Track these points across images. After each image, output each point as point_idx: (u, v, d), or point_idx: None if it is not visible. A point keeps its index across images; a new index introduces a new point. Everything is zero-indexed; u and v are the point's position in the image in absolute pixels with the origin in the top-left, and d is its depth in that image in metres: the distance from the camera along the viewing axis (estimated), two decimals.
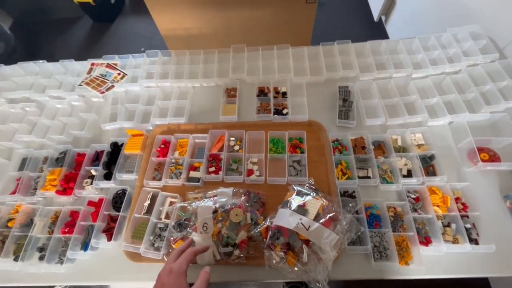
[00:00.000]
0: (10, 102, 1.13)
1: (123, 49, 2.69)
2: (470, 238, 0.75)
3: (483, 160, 0.82)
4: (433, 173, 0.85)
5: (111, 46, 2.71)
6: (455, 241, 0.75)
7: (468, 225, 0.76)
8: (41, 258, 0.82)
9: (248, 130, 0.95)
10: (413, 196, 0.82)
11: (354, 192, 0.85)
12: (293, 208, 0.74)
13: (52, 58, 1.18)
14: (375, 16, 2.40)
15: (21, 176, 0.93)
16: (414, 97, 0.96)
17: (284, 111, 1.01)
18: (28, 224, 0.87)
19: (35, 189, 0.93)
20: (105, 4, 2.70)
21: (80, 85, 1.10)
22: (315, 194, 0.77)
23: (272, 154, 0.92)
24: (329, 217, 0.72)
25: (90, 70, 1.15)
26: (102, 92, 1.08)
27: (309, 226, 0.68)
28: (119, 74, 1.13)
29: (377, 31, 2.39)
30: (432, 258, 0.73)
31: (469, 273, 0.71)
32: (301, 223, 0.69)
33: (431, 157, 0.86)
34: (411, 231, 0.75)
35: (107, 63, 1.16)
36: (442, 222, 0.77)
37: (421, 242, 0.75)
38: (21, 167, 0.98)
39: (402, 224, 0.79)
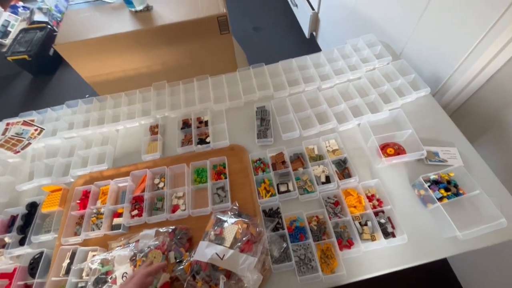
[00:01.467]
0: None
1: (68, 99, 2.63)
2: (386, 232, 0.78)
3: (389, 155, 0.88)
4: (349, 175, 0.89)
5: (54, 98, 2.63)
6: (373, 238, 0.77)
7: (383, 220, 0.79)
8: None
9: (170, 165, 0.95)
10: (332, 201, 0.85)
11: (278, 208, 0.86)
12: (211, 239, 0.73)
13: None
14: (306, 33, 2.60)
15: None
16: (324, 107, 1.03)
17: (207, 140, 1.02)
18: None
19: None
20: (42, 57, 2.65)
21: None
22: (234, 219, 0.77)
23: (196, 184, 0.91)
24: (247, 240, 0.71)
25: (5, 130, 1.10)
26: (17, 152, 1.03)
27: (224, 255, 0.68)
28: (36, 130, 1.09)
29: (311, 46, 2.58)
30: (355, 260, 0.75)
31: (389, 268, 0.73)
32: (216, 253, 0.68)
33: (345, 160, 0.91)
34: (332, 237, 0.77)
35: (24, 121, 1.12)
36: (359, 222, 0.80)
37: (345, 246, 0.77)
38: None
39: (325, 231, 0.80)
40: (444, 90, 1.09)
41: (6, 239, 0.87)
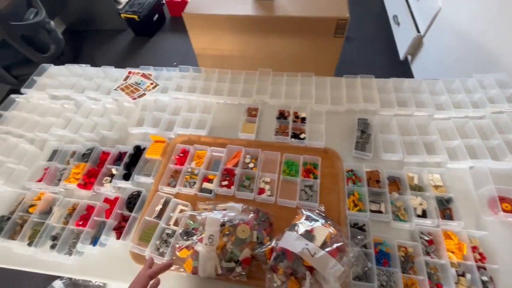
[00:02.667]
0: (52, 98, 1.24)
1: (158, 62, 2.89)
2: None
3: (504, 211, 0.79)
4: (450, 217, 0.82)
5: (147, 58, 2.92)
6: None
7: (485, 278, 0.71)
8: (52, 246, 0.86)
9: (264, 150, 0.97)
10: (426, 238, 0.79)
11: (364, 225, 0.83)
12: (300, 233, 0.73)
13: (93, 63, 1.31)
14: (401, 55, 2.45)
15: (49, 166, 1.00)
16: (434, 137, 0.96)
17: (302, 136, 1.03)
18: (47, 212, 0.92)
19: (59, 180, 0.98)
20: (147, 21, 2.95)
21: (116, 89, 1.19)
22: (323, 221, 0.77)
23: (285, 176, 0.93)
24: (336, 247, 0.70)
25: (127, 77, 1.25)
26: (134, 98, 1.16)
27: (315, 253, 0.68)
28: (151, 84, 1.21)
29: (401, 70, 2.42)
30: None
31: None
32: (307, 248, 0.68)
33: (448, 200, 0.84)
34: (422, 274, 0.72)
35: (143, 73, 1.25)
36: (456, 271, 0.73)
37: None
38: (51, 158, 1.05)
39: (412, 266, 0.75)
40: None
41: (113, 170, 0.98)
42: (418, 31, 2.17)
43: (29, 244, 0.86)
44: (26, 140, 1.09)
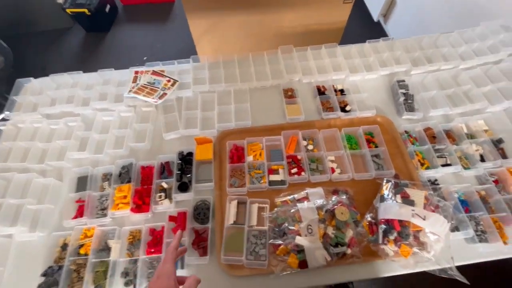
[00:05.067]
0: (47, 117, 1.03)
1: (123, 59, 2.57)
2: None
3: None
4: (504, 156, 0.90)
5: (109, 57, 2.57)
6: None
7: None
8: (126, 284, 0.74)
9: (321, 129, 0.94)
10: (492, 179, 0.86)
11: (436, 180, 0.87)
12: (397, 201, 0.74)
13: (45, 70, 1.11)
14: (375, 17, 2.52)
15: (83, 197, 0.85)
16: (469, 86, 1.02)
17: (347, 108, 1.02)
18: (103, 248, 0.79)
19: (102, 209, 0.84)
20: (100, 13, 2.56)
21: (128, 94, 1.03)
22: (409, 184, 0.78)
23: (350, 150, 0.92)
24: (436, 205, 0.73)
25: (135, 78, 1.08)
26: (159, 98, 1.02)
27: (425, 216, 0.69)
28: (168, 81, 1.07)
29: (377, 31, 2.51)
30: None
31: None
32: (416, 213, 0.69)
33: (499, 141, 0.91)
34: (502, 211, 0.78)
35: (153, 70, 1.10)
36: None
37: None
38: (80, 188, 0.88)
39: (490, 206, 0.82)
40: None
41: (164, 185, 0.87)
42: None
43: None
44: (37, 173, 0.90)
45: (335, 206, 0.76)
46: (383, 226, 0.72)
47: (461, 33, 1.17)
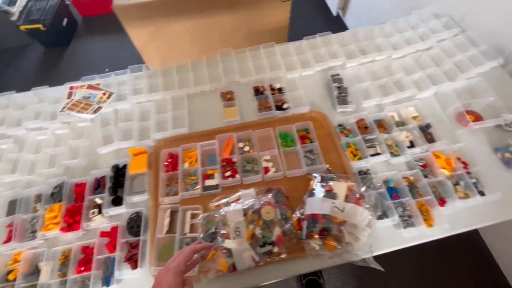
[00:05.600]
0: None
1: (85, 73, 2.49)
2: (477, 191, 0.82)
3: (472, 121, 0.92)
4: (432, 140, 0.92)
5: (71, 71, 2.52)
6: (466, 196, 0.82)
7: (474, 180, 0.84)
8: None
9: (256, 129, 0.95)
10: (420, 163, 0.89)
11: (368, 170, 0.89)
12: (322, 195, 0.75)
13: (4, 90, 1.08)
14: (333, 11, 2.56)
15: (13, 221, 0.83)
16: (400, 75, 1.04)
17: (284, 106, 1.02)
18: (34, 272, 0.77)
19: (33, 231, 0.82)
20: (56, 28, 2.51)
21: (62, 111, 1.01)
22: (336, 178, 0.79)
23: (284, 148, 0.92)
24: (359, 195, 0.74)
25: (70, 94, 1.06)
26: (91, 115, 1.00)
27: (344, 208, 0.70)
28: (104, 94, 1.06)
29: (337, 25, 2.54)
30: (452, 216, 0.79)
31: (485, 222, 0.78)
32: (335, 206, 0.71)
33: (428, 126, 0.94)
34: (428, 195, 0.81)
35: (88, 85, 1.08)
36: (452, 182, 0.84)
37: (438, 204, 0.81)
38: (10, 211, 0.86)
39: (417, 190, 0.84)
40: (509, 61, 1.12)
41: (97, 200, 0.86)
42: None
43: None
44: None
45: (262, 206, 0.76)
46: (308, 221, 0.73)
47: (394, 23, 1.19)
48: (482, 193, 0.82)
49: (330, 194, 0.75)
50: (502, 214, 0.79)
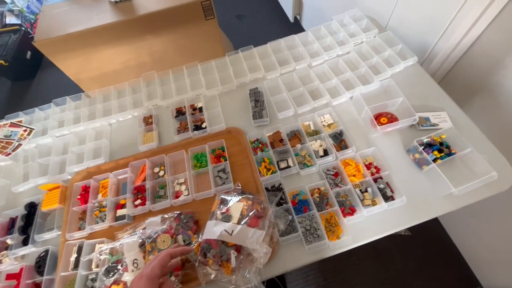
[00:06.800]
0: None
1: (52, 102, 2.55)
2: (386, 196, 0.81)
3: (382, 124, 0.91)
4: (346, 147, 0.91)
5: (36, 102, 2.52)
6: (374, 203, 0.80)
7: (382, 185, 0.82)
8: None
9: (169, 153, 0.94)
10: (332, 172, 0.87)
11: (280, 184, 0.87)
12: (219, 218, 0.74)
13: None
14: (291, 17, 2.58)
15: None
16: (316, 83, 1.04)
17: (203, 125, 1.02)
18: None
19: None
20: (20, 61, 2.55)
21: None
22: (238, 197, 0.78)
23: (196, 169, 0.92)
24: (253, 215, 0.73)
25: None
26: (8, 154, 1.00)
27: (233, 231, 0.69)
28: (25, 130, 1.06)
29: (296, 30, 2.56)
30: (359, 225, 0.78)
31: (392, 229, 0.76)
32: (225, 230, 0.69)
33: (341, 133, 0.93)
34: (334, 205, 0.79)
35: (11, 122, 1.08)
36: (360, 189, 0.83)
37: (348, 213, 0.79)
38: None
39: (328, 201, 0.83)
40: (431, 58, 1.12)
41: (8, 241, 0.85)
42: None
43: None
44: None
45: (159, 235, 0.75)
46: (202, 246, 0.71)
47: (315, 31, 1.19)
48: (392, 198, 0.81)
49: (225, 216, 0.73)
50: (408, 219, 0.77)
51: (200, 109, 1.07)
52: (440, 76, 1.17)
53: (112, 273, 0.74)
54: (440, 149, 0.84)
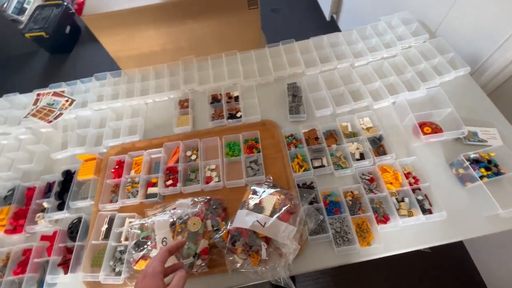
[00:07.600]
0: None
1: (85, 77, 2.64)
2: (423, 209, 0.77)
3: (425, 133, 0.87)
4: (384, 153, 0.88)
5: (72, 76, 2.63)
6: (410, 214, 0.77)
7: (420, 197, 0.79)
8: None
9: (203, 138, 0.95)
10: (367, 177, 0.85)
11: (312, 182, 0.86)
12: (250, 208, 0.73)
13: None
14: (327, 16, 2.52)
15: None
16: (358, 84, 1.00)
17: (238, 115, 1.02)
18: None
19: None
20: (59, 35, 2.65)
21: (26, 117, 1.06)
22: (271, 190, 0.77)
23: (228, 158, 0.92)
24: (286, 210, 0.72)
25: (36, 101, 1.11)
26: (50, 121, 1.04)
27: (265, 223, 0.68)
28: (67, 101, 1.10)
29: (331, 29, 2.50)
30: (392, 234, 0.75)
31: (427, 243, 0.73)
32: (257, 220, 0.69)
33: (380, 138, 0.90)
34: (368, 211, 0.77)
35: (54, 92, 1.13)
36: (396, 198, 0.80)
37: (380, 221, 0.77)
38: None
39: (360, 206, 0.80)
40: (483, 70, 1.06)
41: (45, 204, 0.89)
42: None
43: None
44: None
45: (190, 217, 0.75)
46: (232, 234, 0.71)
47: (360, 30, 1.15)
48: (429, 212, 0.77)
49: (258, 207, 0.73)
50: (445, 235, 0.73)
51: (236, 98, 1.07)
52: (489, 90, 1.10)
53: (141, 248, 0.75)
54: (488, 167, 0.79)
